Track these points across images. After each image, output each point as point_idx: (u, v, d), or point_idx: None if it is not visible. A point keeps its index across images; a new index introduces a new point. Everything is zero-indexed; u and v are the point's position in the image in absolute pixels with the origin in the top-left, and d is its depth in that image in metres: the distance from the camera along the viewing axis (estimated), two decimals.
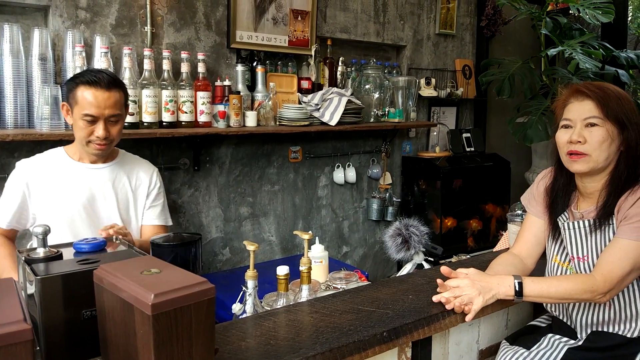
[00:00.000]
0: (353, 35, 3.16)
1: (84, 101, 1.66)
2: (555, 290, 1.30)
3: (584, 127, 1.34)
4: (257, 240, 2.92)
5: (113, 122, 1.72)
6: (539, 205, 1.53)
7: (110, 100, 1.68)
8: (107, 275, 1.05)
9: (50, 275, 1.11)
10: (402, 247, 1.81)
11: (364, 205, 3.37)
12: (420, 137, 3.63)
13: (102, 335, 1.09)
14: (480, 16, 3.67)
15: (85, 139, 1.71)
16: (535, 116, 2.97)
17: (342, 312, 1.28)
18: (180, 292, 0.95)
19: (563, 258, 1.44)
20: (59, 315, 1.11)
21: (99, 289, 1.08)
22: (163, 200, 1.97)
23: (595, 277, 1.28)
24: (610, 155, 1.34)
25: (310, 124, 2.78)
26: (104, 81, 1.68)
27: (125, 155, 1.91)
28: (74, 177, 1.77)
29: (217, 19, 2.65)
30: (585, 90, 1.36)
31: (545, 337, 1.43)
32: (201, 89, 2.44)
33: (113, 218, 1.81)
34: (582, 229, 1.39)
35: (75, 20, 2.27)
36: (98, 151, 1.74)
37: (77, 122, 1.70)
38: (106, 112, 1.68)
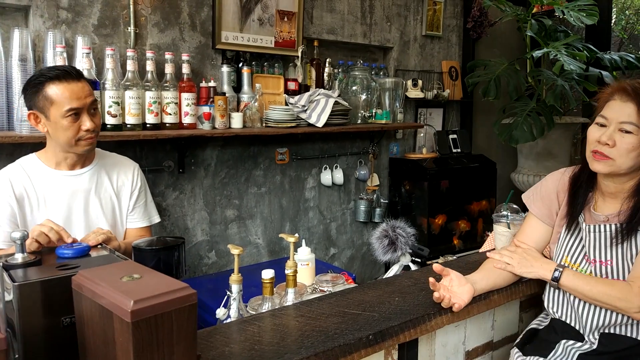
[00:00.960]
0: (340, 36, 3.15)
1: (62, 97, 1.55)
2: (590, 289, 1.31)
3: (617, 130, 1.29)
4: (243, 243, 2.89)
5: (93, 112, 1.64)
6: (545, 207, 1.50)
7: (85, 88, 1.61)
8: (86, 281, 1.02)
9: (28, 282, 1.09)
10: (389, 248, 1.80)
11: (352, 206, 3.36)
12: (408, 139, 3.63)
13: (81, 343, 1.07)
14: (467, 18, 3.69)
15: (74, 137, 1.60)
16: (521, 117, 2.98)
17: (328, 316, 1.27)
18: (160, 298, 0.93)
19: (575, 259, 1.41)
20: (38, 322, 1.09)
21: (78, 296, 1.05)
22: (146, 198, 1.91)
23: (633, 288, 1.26)
24: (637, 164, 1.30)
25: (297, 126, 2.76)
26: (73, 73, 1.60)
27: (103, 155, 1.84)
28: (54, 186, 1.69)
29: (202, 19, 2.62)
30: (630, 90, 1.29)
31: (559, 344, 1.41)
32: (185, 90, 2.41)
33: (99, 224, 1.75)
34: (607, 233, 1.35)
35: (57, 20, 2.23)
36: (89, 146, 1.65)
37: (59, 123, 1.58)
38: (87, 101, 1.60)
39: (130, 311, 0.88)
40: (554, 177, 1.52)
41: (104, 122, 2.21)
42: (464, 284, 1.34)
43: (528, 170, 3.46)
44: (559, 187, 1.48)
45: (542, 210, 1.50)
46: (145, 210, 1.90)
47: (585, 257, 1.39)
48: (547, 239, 1.52)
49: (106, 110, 2.20)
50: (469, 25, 3.65)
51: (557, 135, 3.15)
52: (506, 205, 1.74)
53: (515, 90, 3.15)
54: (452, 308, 1.29)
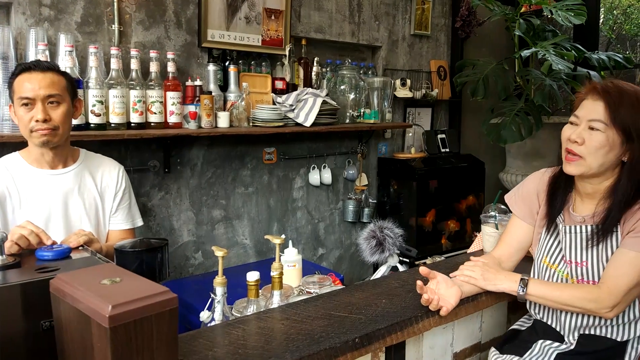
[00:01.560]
0: (328, 35, 3.13)
1: (20, 87, 1.57)
2: (560, 294, 1.30)
3: (587, 128, 1.30)
4: (230, 243, 2.86)
5: (53, 104, 1.59)
6: (526, 207, 1.50)
7: (46, 80, 1.58)
8: (64, 285, 1.00)
9: (6, 285, 1.06)
10: (377, 249, 1.79)
11: (340, 206, 3.35)
12: (396, 138, 3.62)
13: (60, 348, 1.04)
14: (455, 17, 3.69)
15: (27, 127, 1.59)
16: (509, 117, 2.98)
17: (314, 318, 1.25)
18: (140, 303, 0.91)
19: (553, 260, 1.41)
20: (17, 326, 1.06)
21: (56, 300, 1.03)
22: (130, 200, 1.88)
23: (601, 288, 1.26)
24: (607, 163, 1.29)
25: (284, 125, 2.74)
26: (41, 65, 1.60)
27: (87, 156, 1.81)
28: (36, 186, 1.66)
29: (188, 17, 2.58)
30: (600, 89, 1.31)
31: (536, 343, 1.41)
32: (171, 89, 2.37)
33: (80, 225, 1.72)
34: (583, 234, 1.35)
35: (39, 17, 2.19)
36: (43, 138, 1.59)
37: (17, 114, 1.60)
38: (41, 92, 1.56)
39: (109, 316, 0.86)
40: (535, 177, 1.52)
41: (88, 122, 2.17)
42: (451, 287, 1.33)
43: (516, 170, 3.47)
44: (539, 187, 1.48)
45: (524, 211, 1.50)
46: (129, 213, 1.87)
47: (563, 258, 1.38)
48: (530, 239, 1.52)
49: (90, 109, 2.16)
50: (458, 25, 3.65)
51: (545, 135, 3.16)
52: (494, 206, 1.73)
53: (503, 90, 3.16)
54: (439, 311, 1.28)
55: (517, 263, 1.53)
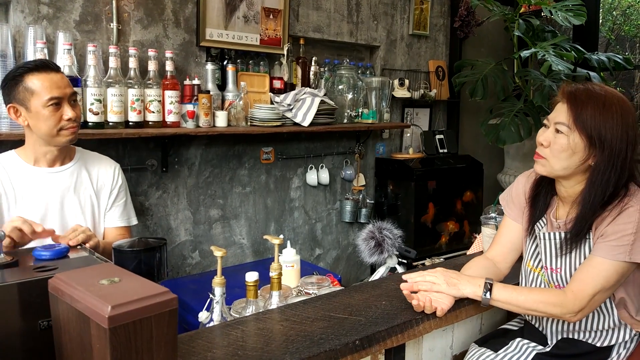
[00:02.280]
0: (326, 34, 3.12)
1: (42, 87, 1.56)
2: (525, 299, 1.27)
3: (554, 131, 1.29)
4: (228, 243, 2.85)
5: (74, 103, 1.64)
6: (516, 207, 1.49)
7: (65, 80, 1.62)
8: (62, 284, 0.99)
9: (4, 284, 1.05)
10: (375, 250, 1.78)
11: (337, 207, 3.34)
12: (394, 139, 3.62)
13: (58, 349, 1.03)
14: (454, 17, 3.68)
15: (56, 127, 1.60)
16: (508, 118, 2.99)
17: (314, 320, 1.24)
18: (139, 303, 0.90)
19: (536, 264, 1.41)
20: (15, 325, 1.06)
21: (54, 300, 1.02)
22: (126, 198, 1.88)
23: (567, 294, 1.25)
24: (572, 166, 1.28)
25: (282, 125, 2.73)
26: (50, 64, 1.61)
27: (83, 154, 1.81)
28: (32, 183, 1.67)
29: (186, 16, 2.57)
30: (566, 92, 1.30)
31: (514, 340, 1.41)
32: (169, 88, 2.36)
33: (76, 223, 1.70)
34: (557, 240, 1.35)
35: (37, 15, 2.17)
36: (71, 136, 1.63)
37: (40, 114, 1.57)
38: (67, 91, 1.61)
39: (108, 317, 0.85)
40: (523, 177, 1.52)
41: (86, 120, 2.16)
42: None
43: (515, 171, 3.47)
44: (526, 187, 1.48)
45: (515, 211, 1.50)
46: (124, 210, 1.87)
47: (541, 263, 1.38)
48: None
49: (88, 108, 2.15)
50: (456, 25, 3.65)
51: None
52: (494, 207, 1.73)
53: (502, 91, 3.16)
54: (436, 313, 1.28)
55: (512, 263, 1.52)
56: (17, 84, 1.57)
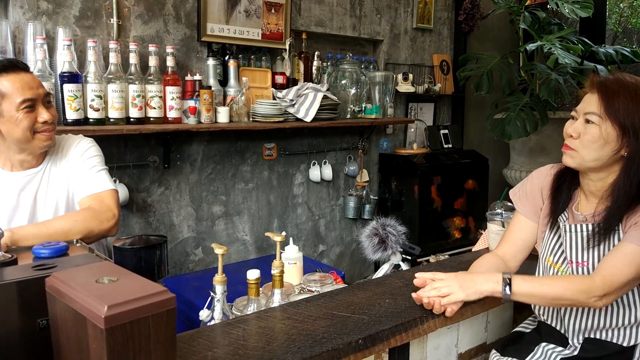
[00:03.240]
0: (329, 29, 3.09)
1: (14, 88, 1.47)
2: (547, 290, 1.23)
3: (584, 121, 1.27)
4: (230, 239, 2.84)
5: (48, 104, 1.56)
6: (530, 204, 1.46)
7: (36, 80, 1.54)
8: (59, 283, 0.97)
9: (2, 282, 1.04)
10: (379, 247, 1.76)
11: (341, 203, 3.32)
12: (398, 134, 3.59)
13: (56, 348, 1.02)
14: (458, 10, 3.64)
15: (30, 130, 1.51)
16: (514, 112, 2.94)
17: (316, 318, 1.22)
18: (137, 303, 0.88)
19: (557, 259, 1.36)
20: (13, 324, 1.04)
21: (52, 299, 1.00)
22: (94, 165, 1.67)
23: (595, 279, 1.21)
24: (603, 157, 1.25)
25: (285, 120, 2.70)
26: (19, 64, 1.51)
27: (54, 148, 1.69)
28: (9, 189, 1.59)
29: (187, 11, 2.55)
30: (596, 82, 1.28)
31: (538, 346, 1.37)
32: (170, 84, 2.34)
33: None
34: (584, 233, 1.31)
35: (37, 11, 2.15)
36: (48, 141, 1.55)
37: (13, 117, 1.48)
38: (41, 91, 1.53)
39: (104, 317, 0.84)
40: (540, 173, 1.48)
41: (86, 116, 2.14)
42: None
43: (520, 167, 3.43)
44: (543, 184, 1.44)
45: (528, 208, 1.46)
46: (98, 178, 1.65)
47: (565, 258, 1.35)
48: (535, 237, 1.48)
49: (88, 104, 2.13)
50: (461, 18, 3.60)
51: (550, 131, 3.12)
52: (500, 203, 1.70)
53: (507, 85, 3.11)
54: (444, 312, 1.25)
55: (521, 261, 1.49)
56: None
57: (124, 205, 2.39)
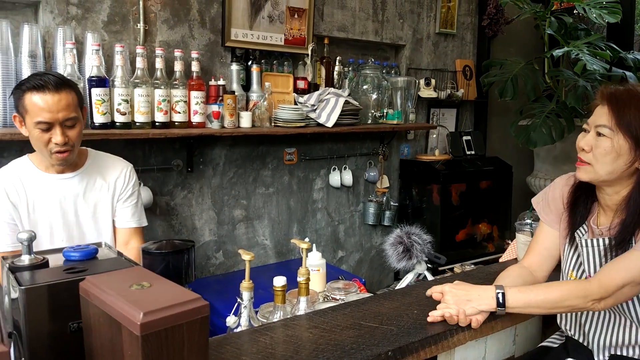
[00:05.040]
0: (351, 34, 3.09)
1: (34, 108, 1.54)
2: (544, 299, 1.21)
3: (596, 135, 1.25)
4: (251, 244, 2.84)
5: (69, 126, 1.59)
6: (552, 213, 1.43)
7: (62, 102, 1.55)
8: (94, 288, 0.98)
9: (34, 285, 1.05)
10: (404, 256, 1.74)
11: (361, 209, 3.30)
12: (419, 140, 3.56)
13: (89, 353, 1.03)
14: (482, 15, 3.61)
15: (44, 149, 1.58)
16: (539, 119, 2.90)
17: (343, 328, 1.22)
18: (171, 310, 0.88)
19: (580, 274, 1.34)
20: (45, 327, 1.05)
21: (85, 303, 1.01)
22: (137, 200, 1.86)
23: (592, 282, 1.19)
24: (617, 170, 1.23)
25: (306, 125, 2.70)
26: (51, 83, 1.54)
27: (95, 157, 1.79)
28: (44, 191, 1.68)
29: (212, 16, 2.57)
30: (606, 94, 1.26)
31: None
32: (195, 89, 2.36)
33: (88, 228, 1.74)
34: (601, 247, 1.29)
35: (66, 16, 2.19)
36: (61, 160, 1.61)
37: (31, 133, 1.57)
38: (60, 115, 1.55)
39: (140, 324, 0.84)
40: (561, 180, 1.46)
41: (113, 120, 2.16)
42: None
43: (545, 174, 3.38)
44: (564, 192, 1.42)
45: (550, 216, 1.44)
46: (136, 211, 1.85)
47: (584, 272, 1.32)
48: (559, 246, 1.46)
49: (115, 108, 2.16)
50: (484, 23, 3.57)
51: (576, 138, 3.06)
52: (530, 213, 1.67)
53: (533, 91, 3.07)
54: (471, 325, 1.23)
55: (549, 271, 1.46)
56: (20, 97, 1.56)
57: (148, 209, 2.41)
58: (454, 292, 1.26)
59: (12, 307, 1.09)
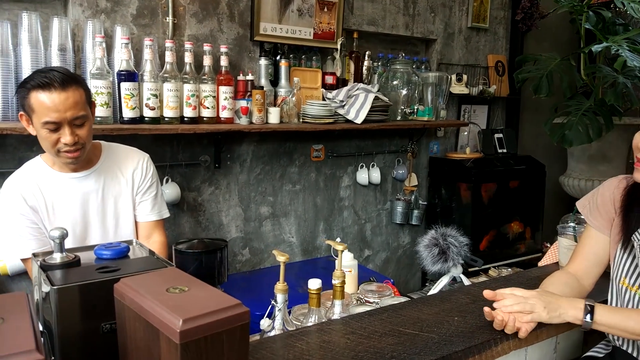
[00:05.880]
0: (381, 27, 3.02)
1: (41, 107, 1.46)
2: (635, 326, 1.15)
3: None
4: (277, 241, 2.81)
5: (78, 125, 1.51)
6: (602, 217, 1.36)
7: (69, 101, 1.47)
8: (130, 291, 0.95)
9: (67, 285, 1.03)
10: (439, 258, 1.68)
11: (388, 207, 3.24)
12: (449, 137, 3.48)
13: (123, 356, 1.00)
14: (515, 9, 3.50)
15: (53, 149, 1.52)
16: (576, 117, 2.79)
17: (382, 335, 1.17)
18: (211, 317, 0.85)
19: (633, 281, 1.27)
20: (76, 327, 1.03)
21: (120, 306, 0.98)
22: (157, 191, 1.80)
23: None
24: None
25: (334, 122, 2.65)
26: (57, 80, 1.46)
27: (110, 150, 1.73)
28: (62, 191, 1.63)
29: (241, 9, 2.53)
30: None
31: None
32: (224, 84, 2.32)
33: (110, 224, 1.70)
34: None
35: (96, 9, 2.17)
36: (71, 159, 1.55)
37: (39, 133, 1.51)
38: (68, 115, 1.47)
39: (180, 331, 0.81)
40: (611, 183, 1.38)
41: (142, 115, 2.14)
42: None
43: (579, 174, 3.27)
44: (615, 195, 1.34)
45: (599, 220, 1.37)
46: (156, 204, 1.79)
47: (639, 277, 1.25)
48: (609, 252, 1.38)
49: (144, 103, 2.14)
50: (518, 17, 3.46)
51: (613, 138, 2.95)
52: (573, 216, 1.60)
53: (569, 88, 2.96)
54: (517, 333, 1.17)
55: (596, 278, 1.39)
56: (25, 96, 1.49)
57: (175, 204, 2.39)
58: (543, 297, 1.21)
59: (43, 305, 1.07)
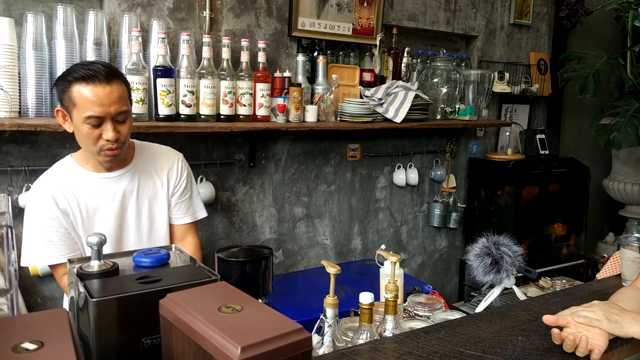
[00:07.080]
0: (421, 23, 2.90)
1: (84, 101, 1.40)
2: None
3: None
4: (311, 243, 2.73)
5: (121, 121, 1.46)
6: None
7: (114, 95, 1.42)
8: (178, 309, 0.87)
9: (106, 298, 0.96)
10: (492, 269, 1.57)
11: (425, 209, 3.13)
12: (489, 137, 3.34)
13: None
14: (559, 6, 3.34)
15: (95, 146, 1.45)
16: (624, 118, 2.66)
17: (442, 356, 1.07)
18: (272, 344, 0.77)
19: None
20: (114, 341, 0.97)
21: (166, 324, 0.91)
22: (191, 192, 1.74)
23: None
24: None
25: (373, 121, 2.56)
26: (102, 73, 1.41)
27: (143, 150, 1.67)
28: (95, 192, 1.56)
29: (279, 4, 2.44)
30: None
31: None
32: (261, 80, 2.25)
33: (143, 228, 1.64)
34: None
35: (132, 3, 2.11)
36: (110, 157, 1.49)
37: (79, 128, 1.44)
38: (112, 109, 1.42)
39: None
40: None
41: (178, 112, 2.08)
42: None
43: (625, 178, 3.12)
44: None
45: None
46: (191, 205, 1.74)
47: None
48: None
49: (180, 100, 2.07)
50: (563, 14, 3.30)
51: None
52: (638, 226, 1.48)
53: (617, 88, 2.81)
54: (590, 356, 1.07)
55: None
56: (65, 89, 1.43)
57: (210, 204, 2.33)
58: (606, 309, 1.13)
59: (80, 315, 1.01)
